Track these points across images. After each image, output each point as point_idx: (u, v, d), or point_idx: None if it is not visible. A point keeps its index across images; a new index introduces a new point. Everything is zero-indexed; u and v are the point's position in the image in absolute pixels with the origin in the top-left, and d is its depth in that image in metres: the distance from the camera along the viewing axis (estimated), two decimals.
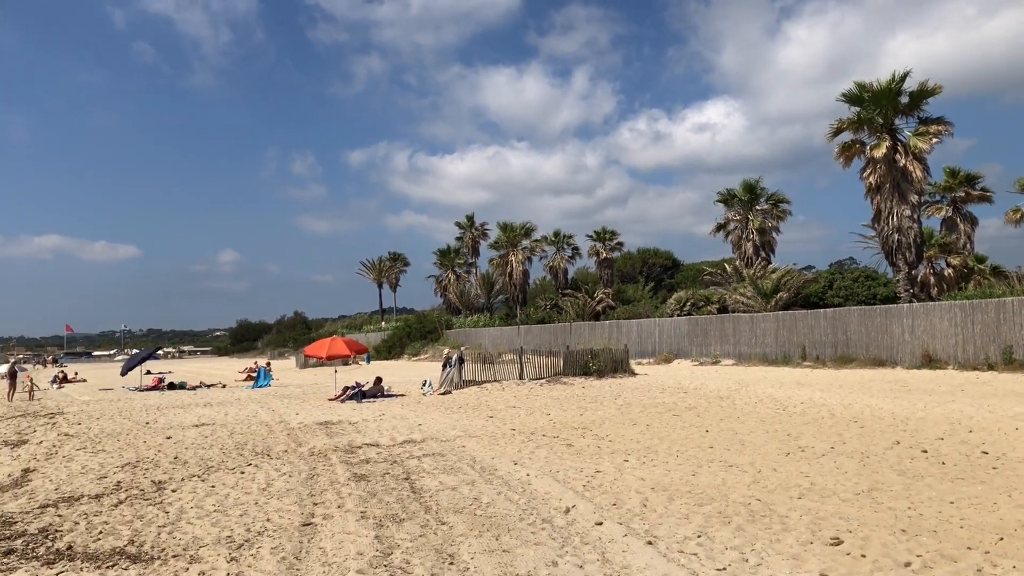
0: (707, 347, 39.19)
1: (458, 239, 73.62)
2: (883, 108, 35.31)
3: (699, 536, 7.53)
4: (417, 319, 69.56)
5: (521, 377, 27.50)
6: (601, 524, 8.05)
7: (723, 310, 42.86)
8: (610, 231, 62.84)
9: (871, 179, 35.49)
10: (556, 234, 64.27)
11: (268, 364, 39.95)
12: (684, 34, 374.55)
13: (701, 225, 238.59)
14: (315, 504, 9.36)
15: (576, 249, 64.56)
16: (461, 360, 26.90)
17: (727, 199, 48.54)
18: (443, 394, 24.83)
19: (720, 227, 49.06)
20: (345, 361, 42.84)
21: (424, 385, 26.33)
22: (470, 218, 72.19)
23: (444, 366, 26.88)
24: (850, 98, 36.13)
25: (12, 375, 33.62)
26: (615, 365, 29.34)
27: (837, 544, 7.13)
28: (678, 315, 43.91)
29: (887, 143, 34.87)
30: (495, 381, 26.88)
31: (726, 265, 48.72)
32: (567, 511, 8.63)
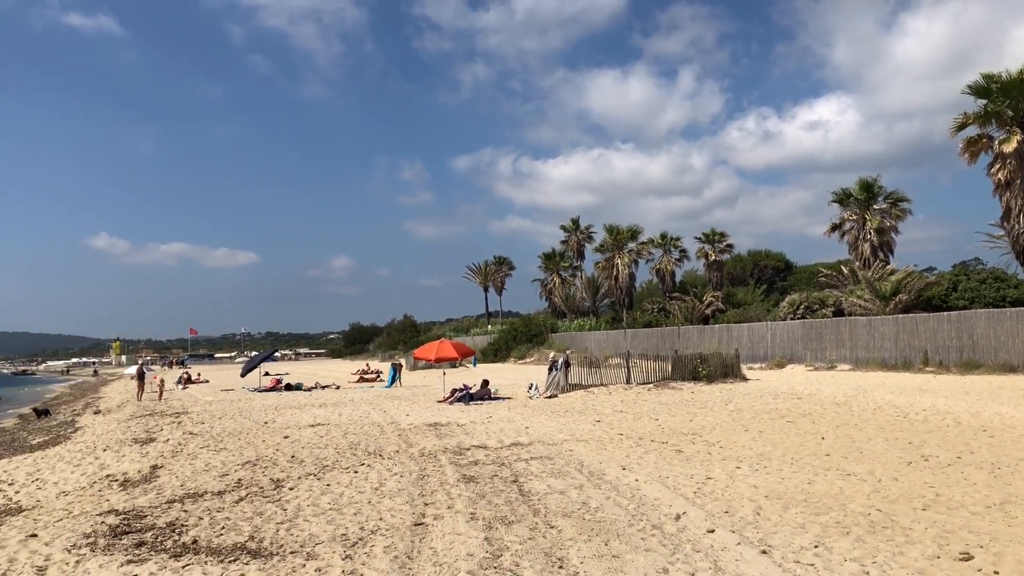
0: (822, 351, 37.92)
1: (563, 242, 73.57)
2: (1013, 100, 33.38)
3: (816, 546, 7.29)
4: (523, 322, 69.84)
5: (628, 381, 27.24)
6: (713, 532, 7.89)
7: (839, 313, 41.37)
8: (719, 232, 61.60)
9: (1000, 175, 33.59)
10: (663, 236, 63.43)
11: (400, 365, 40.55)
12: (793, 29, 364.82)
13: (815, 226, 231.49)
14: (426, 504, 9.52)
15: (684, 251, 63.53)
16: (567, 364, 26.87)
17: (842, 199, 46.81)
18: (549, 397, 24.85)
19: (835, 227, 47.35)
20: (453, 364, 43.40)
21: (530, 388, 26.42)
22: (575, 221, 72.06)
23: (550, 369, 26.90)
24: (976, 90, 34.29)
25: (140, 376, 35.50)
26: (725, 370, 28.73)
27: (967, 559, 6.77)
28: (791, 318, 42.66)
29: (1018, 137, 32.93)
30: (601, 385, 26.71)
31: (842, 267, 47.01)
32: (677, 518, 8.50)
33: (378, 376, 44.02)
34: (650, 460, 12.39)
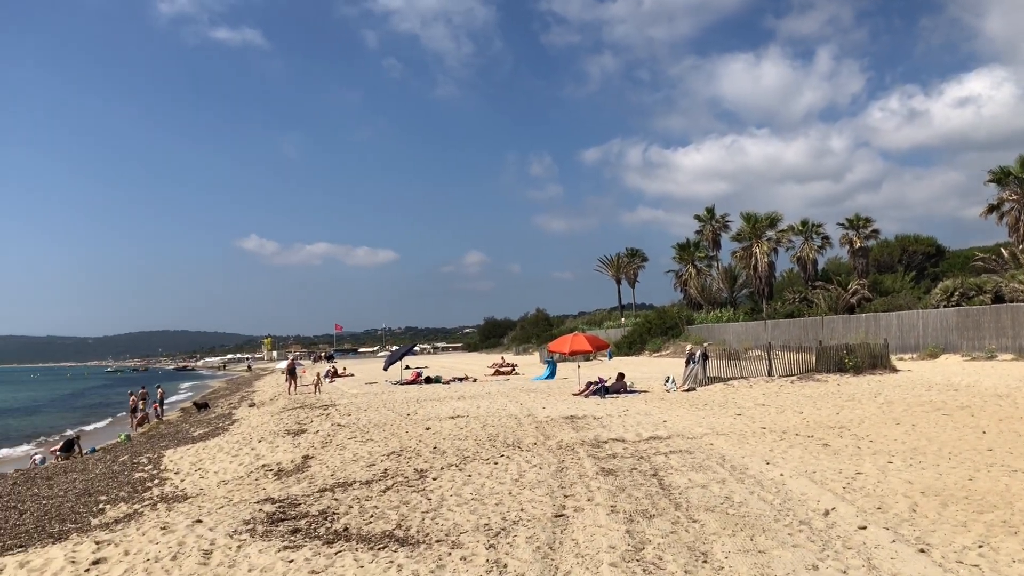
0: (979, 340, 35.64)
1: (697, 232, 72.00)
2: None
3: (980, 546, 6.88)
4: (657, 315, 68.93)
5: (769, 374, 26.47)
6: (865, 528, 7.58)
7: (998, 300, 38.76)
8: (864, 218, 58.77)
9: None
10: (803, 223, 61.09)
11: (553, 357, 40.76)
12: (939, 1, 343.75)
13: (969, 208, 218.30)
14: (566, 496, 9.56)
15: (826, 238, 60.95)
16: (705, 356, 26.36)
17: (1000, 177, 43.84)
18: (687, 390, 24.47)
19: (993, 208, 44.44)
20: (587, 357, 43.30)
21: (667, 381, 26.09)
22: (710, 210, 70.44)
23: (687, 362, 26.47)
24: None
25: (291, 372, 37.19)
26: (873, 361, 27.45)
27: None
28: (945, 306, 40.30)
29: None
30: (741, 378, 26.07)
31: (1002, 250, 44.04)
32: (826, 513, 8.21)
33: (513, 369, 44.51)
34: (795, 454, 12.00)
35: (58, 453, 22.63)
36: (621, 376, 25.98)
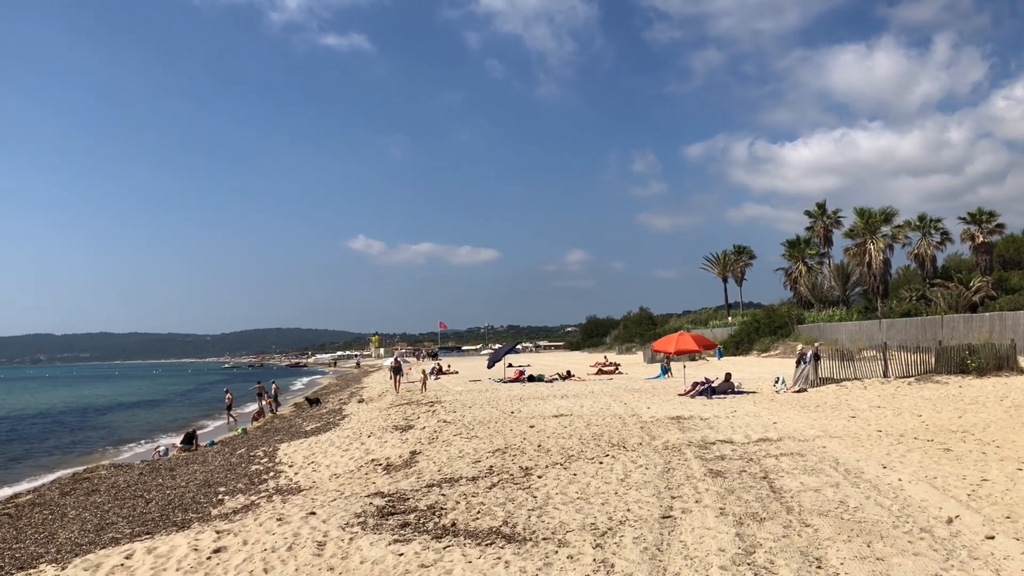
0: None
1: (808, 228, 69.85)
2: None
3: None
4: (765, 314, 67.26)
5: (885, 375, 25.45)
6: (993, 538, 7.20)
7: None
8: (987, 212, 55.89)
9: None
10: (921, 218, 58.50)
11: (667, 359, 40.63)
12: None
13: None
14: (673, 498, 9.44)
15: (945, 234, 58.22)
16: (817, 356, 25.56)
17: None
18: (798, 392, 23.79)
19: None
20: (692, 357, 42.61)
21: (777, 382, 25.43)
22: (821, 206, 68.26)
23: (798, 362, 25.73)
24: None
25: (397, 369, 37.90)
26: (999, 362, 26.04)
27: None
28: None
29: None
30: (855, 379, 25.16)
31: None
32: (949, 521, 7.84)
33: (616, 369, 44.21)
34: (914, 459, 11.51)
35: (180, 445, 23.74)
36: (728, 376, 25.47)
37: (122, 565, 8.50)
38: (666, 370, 37.17)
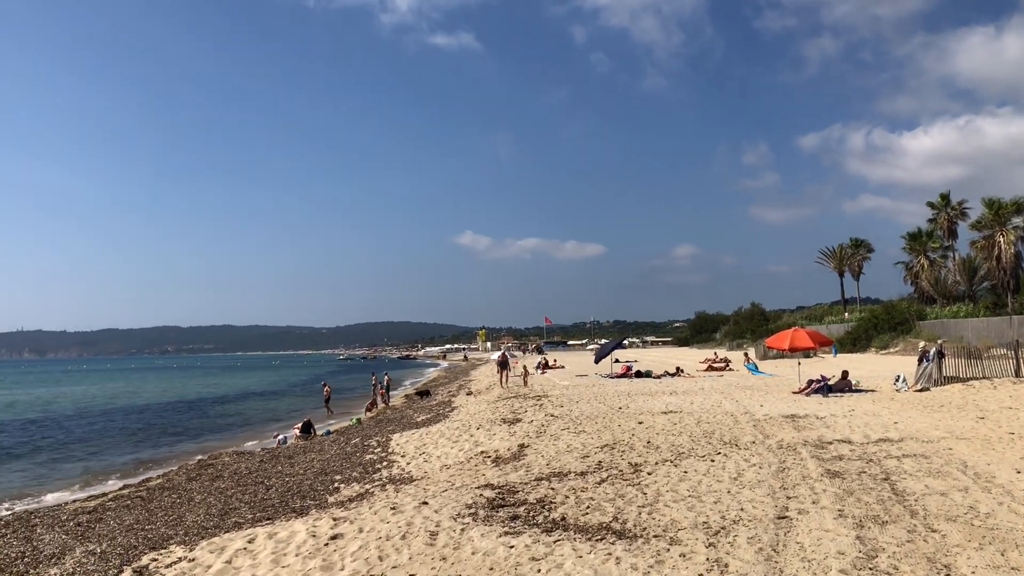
0: None
1: (930, 220, 66.69)
2: None
3: None
4: (884, 309, 64.54)
5: (1017, 374, 24.04)
6: None
7: None
8: None
9: None
10: None
11: (746, 357, 40.09)
12: None
13: None
14: (788, 498, 9.18)
15: None
16: (941, 354, 24.38)
17: None
18: (920, 391, 22.75)
19: None
20: (807, 353, 41.31)
21: (897, 380, 24.38)
22: (945, 196, 65.06)
23: (920, 360, 24.59)
24: None
25: (504, 364, 38.16)
26: None
27: None
28: None
29: None
30: (983, 378, 23.86)
31: None
32: None
33: (727, 365, 43.31)
34: None
35: (298, 434, 24.59)
36: (845, 374, 24.58)
37: (245, 549, 8.87)
38: (754, 368, 36.61)
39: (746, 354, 45.85)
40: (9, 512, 14.98)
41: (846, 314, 76.79)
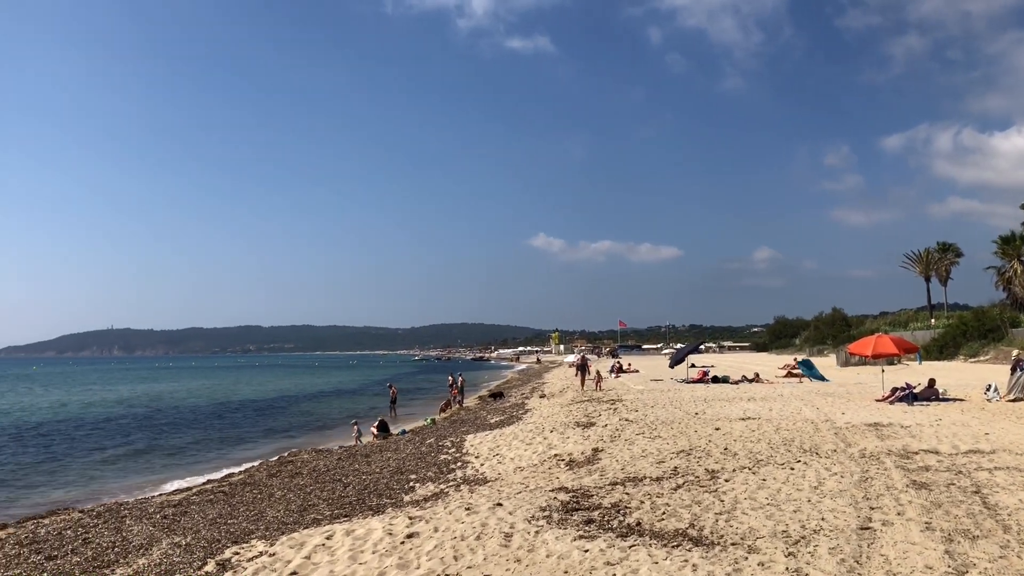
0: None
1: None
2: None
3: None
4: (974, 316, 62.18)
5: None
6: None
7: None
8: None
9: None
10: None
11: (792, 366, 39.57)
12: None
13: None
14: (871, 508, 8.91)
15: None
16: None
17: None
18: (1013, 401, 21.84)
19: None
20: (890, 360, 40.09)
21: (988, 390, 23.46)
22: None
23: (1013, 369, 23.61)
24: None
25: (582, 366, 37.94)
26: None
27: None
28: None
29: None
30: None
31: None
32: None
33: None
34: None
35: (375, 433, 24.95)
36: (932, 382, 23.77)
37: (323, 545, 9.03)
38: (810, 368, 36.07)
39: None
40: (101, 504, 15.57)
41: (932, 320, 74.28)
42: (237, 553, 9.26)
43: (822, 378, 36.10)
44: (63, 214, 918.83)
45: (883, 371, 29.76)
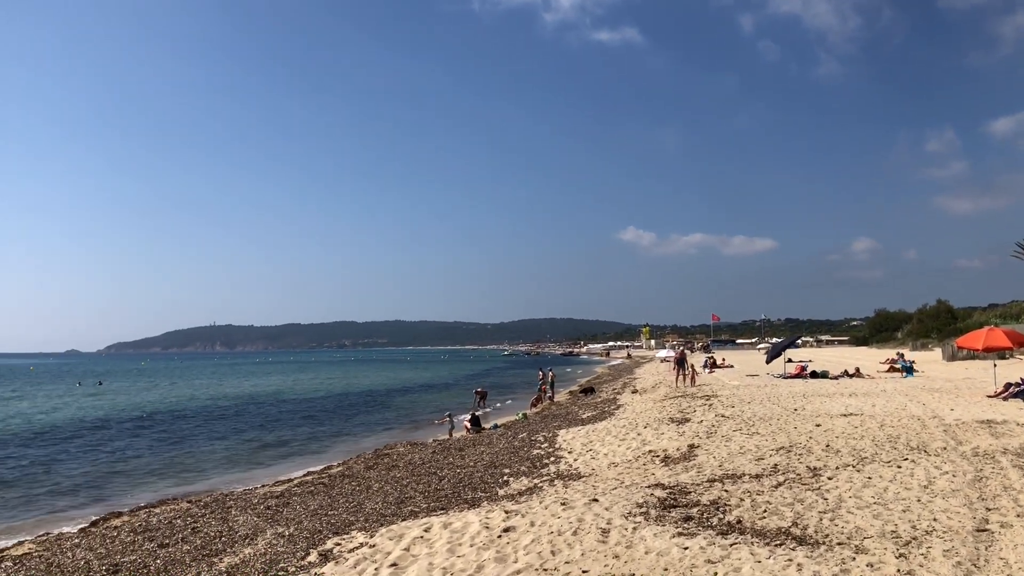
0: None
1: None
2: None
3: None
4: None
5: None
6: None
7: None
8: None
9: None
10: None
11: (902, 355, 38.20)
12: None
13: None
14: (988, 510, 8.50)
15: None
16: None
17: None
18: None
19: None
20: (1002, 354, 38.25)
21: None
22: None
23: None
24: None
25: (680, 361, 37.16)
26: None
27: None
28: None
29: None
30: None
31: None
32: None
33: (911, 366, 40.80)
34: None
35: (468, 427, 25.19)
36: None
37: (422, 537, 9.14)
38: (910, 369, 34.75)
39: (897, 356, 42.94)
40: (208, 494, 16.17)
41: None
42: (338, 544, 9.46)
43: (910, 371, 35.31)
44: (162, 221, 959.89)
45: (995, 365, 28.42)
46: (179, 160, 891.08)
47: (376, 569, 8.10)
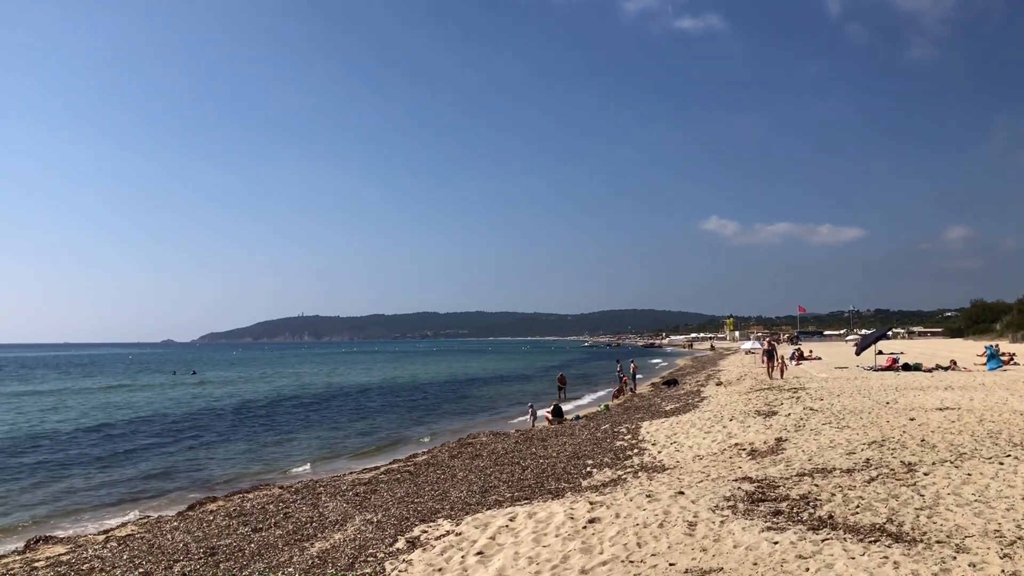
0: None
1: None
2: None
3: None
4: None
5: None
6: None
7: None
8: None
9: None
10: None
11: (996, 346, 36.57)
12: None
13: None
14: None
15: None
16: None
17: None
18: None
19: None
20: None
21: None
22: None
23: None
24: None
25: (770, 353, 36.30)
26: None
27: None
28: None
29: None
30: None
31: None
32: None
33: (1011, 359, 39.09)
34: None
35: (550, 417, 25.23)
36: None
37: (507, 527, 9.20)
38: (998, 360, 33.18)
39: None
40: (299, 480, 16.61)
41: None
42: (425, 531, 9.61)
43: (995, 359, 33.92)
44: (263, 212, 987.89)
45: None
46: (280, 155, 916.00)
47: (463, 557, 8.19)
